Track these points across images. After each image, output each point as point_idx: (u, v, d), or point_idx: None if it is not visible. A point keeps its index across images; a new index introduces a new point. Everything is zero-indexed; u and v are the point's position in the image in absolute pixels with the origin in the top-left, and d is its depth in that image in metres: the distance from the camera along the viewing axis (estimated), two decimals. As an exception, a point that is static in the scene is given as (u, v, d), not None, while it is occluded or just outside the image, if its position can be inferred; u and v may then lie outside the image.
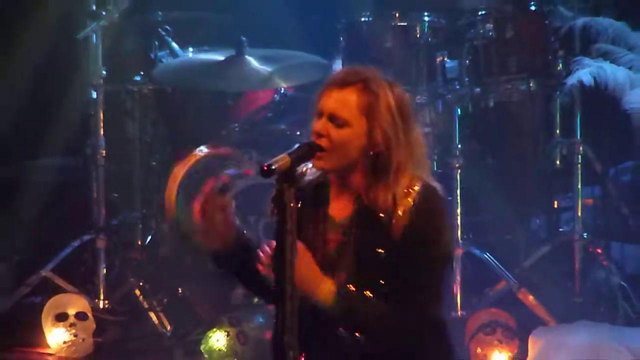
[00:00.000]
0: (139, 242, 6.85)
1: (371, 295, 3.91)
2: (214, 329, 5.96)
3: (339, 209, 3.90)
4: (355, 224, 3.89)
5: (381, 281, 3.86)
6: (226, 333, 5.92)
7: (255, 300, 6.13)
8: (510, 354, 6.11)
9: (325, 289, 3.82)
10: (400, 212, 3.82)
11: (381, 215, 3.84)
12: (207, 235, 4.08)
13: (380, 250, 3.82)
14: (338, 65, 6.83)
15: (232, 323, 5.97)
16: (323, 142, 3.80)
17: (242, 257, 3.96)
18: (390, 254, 3.84)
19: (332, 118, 3.82)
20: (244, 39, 6.57)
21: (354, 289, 3.90)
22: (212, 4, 7.45)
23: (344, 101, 3.83)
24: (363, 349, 3.86)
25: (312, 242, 3.81)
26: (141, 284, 6.60)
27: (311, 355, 3.78)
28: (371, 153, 3.81)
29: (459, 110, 6.66)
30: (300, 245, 3.76)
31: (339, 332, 3.85)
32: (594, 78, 6.27)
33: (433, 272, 3.91)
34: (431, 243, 3.87)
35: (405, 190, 3.82)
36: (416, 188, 3.81)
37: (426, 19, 6.76)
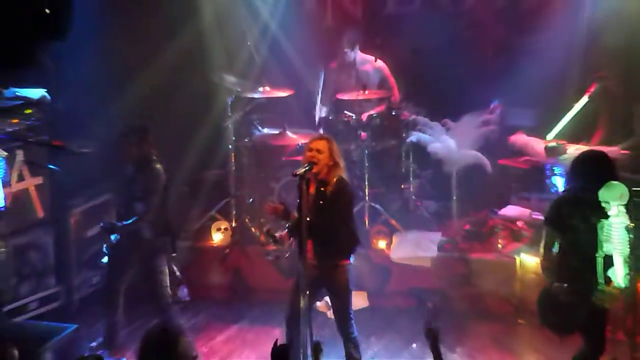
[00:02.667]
0: (247, 201, 9.98)
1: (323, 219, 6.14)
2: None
3: (312, 189, 6.43)
4: (315, 194, 6.42)
5: (324, 216, 6.27)
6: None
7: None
8: (386, 242, 9.43)
9: None
10: (330, 188, 6.49)
11: (323, 189, 6.50)
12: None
13: (321, 202, 6.43)
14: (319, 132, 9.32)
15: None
16: (314, 160, 6.47)
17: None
18: (325, 205, 6.41)
19: (317, 150, 6.63)
20: (285, 124, 9.84)
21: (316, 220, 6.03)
22: (271, 110, 10.29)
23: (321, 144, 6.74)
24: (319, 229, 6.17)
25: (307, 205, 6.03)
26: (248, 217, 9.82)
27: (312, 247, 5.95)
28: (330, 164, 6.64)
29: (366, 151, 9.78)
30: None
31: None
32: (418, 139, 9.66)
33: (345, 212, 6.66)
34: (341, 201, 6.59)
35: (335, 179, 6.61)
36: (337, 177, 6.62)
37: (354, 117, 9.78)
